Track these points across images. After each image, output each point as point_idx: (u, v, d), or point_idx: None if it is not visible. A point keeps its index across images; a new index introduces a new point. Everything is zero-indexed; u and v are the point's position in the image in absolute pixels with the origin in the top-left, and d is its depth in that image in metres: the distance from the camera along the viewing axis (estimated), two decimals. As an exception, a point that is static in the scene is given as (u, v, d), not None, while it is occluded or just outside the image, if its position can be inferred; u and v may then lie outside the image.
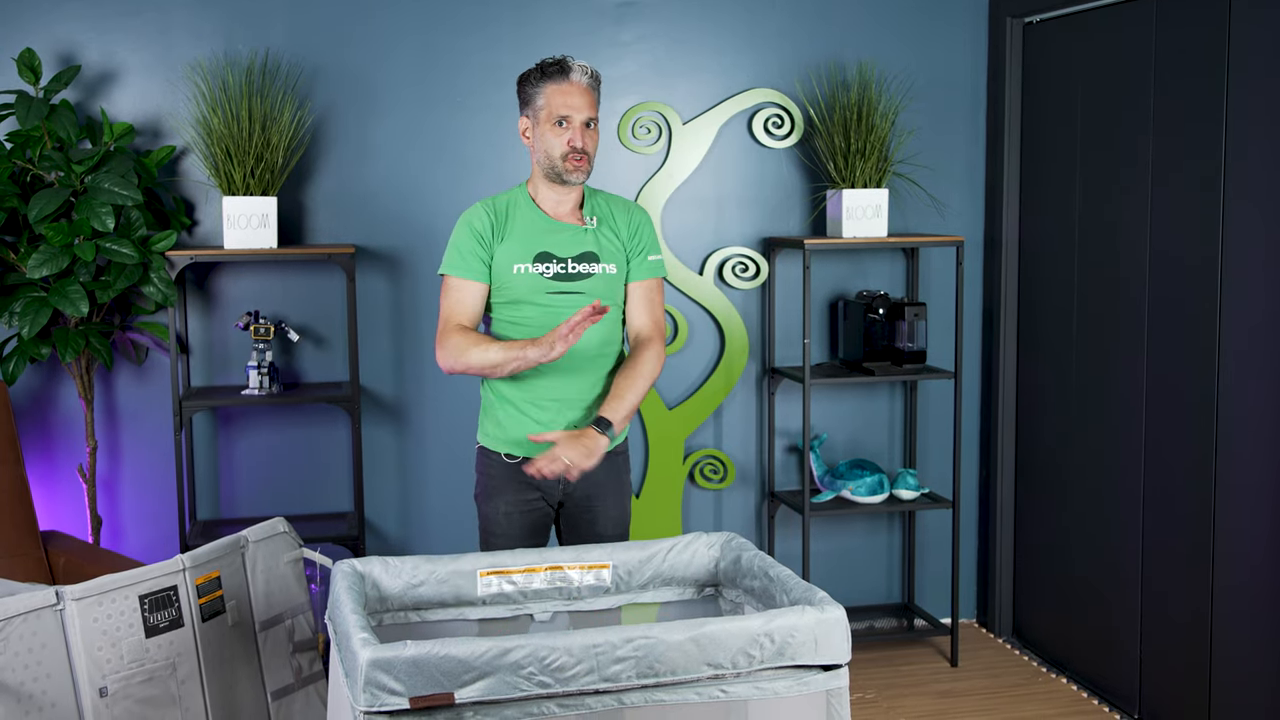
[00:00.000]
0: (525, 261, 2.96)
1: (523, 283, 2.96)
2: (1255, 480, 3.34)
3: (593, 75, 2.99)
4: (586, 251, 2.99)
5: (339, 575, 2.55)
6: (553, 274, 2.96)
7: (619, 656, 2.21)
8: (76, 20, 3.96)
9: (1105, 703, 3.97)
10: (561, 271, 2.97)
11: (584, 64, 2.98)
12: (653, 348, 3.01)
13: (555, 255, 2.97)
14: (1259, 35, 3.29)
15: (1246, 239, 3.35)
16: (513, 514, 3.03)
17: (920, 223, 4.53)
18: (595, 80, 3.00)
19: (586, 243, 3.00)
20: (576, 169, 2.95)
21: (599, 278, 2.99)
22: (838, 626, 2.33)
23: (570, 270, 2.97)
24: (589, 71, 2.98)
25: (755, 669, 2.29)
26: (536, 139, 2.98)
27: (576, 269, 2.98)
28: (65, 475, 4.04)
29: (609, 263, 3.00)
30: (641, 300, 3.06)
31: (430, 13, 4.16)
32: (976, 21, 4.52)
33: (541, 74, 2.96)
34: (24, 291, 3.68)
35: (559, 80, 2.94)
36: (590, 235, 3.00)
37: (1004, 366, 4.51)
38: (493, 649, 2.16)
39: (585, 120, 2.95)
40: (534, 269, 2.96)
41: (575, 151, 2.93)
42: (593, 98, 2.97)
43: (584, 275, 2.98)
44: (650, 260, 3.06)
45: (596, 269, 2.99)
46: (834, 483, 4.31)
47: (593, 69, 3.00)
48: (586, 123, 2.95)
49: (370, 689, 2.11)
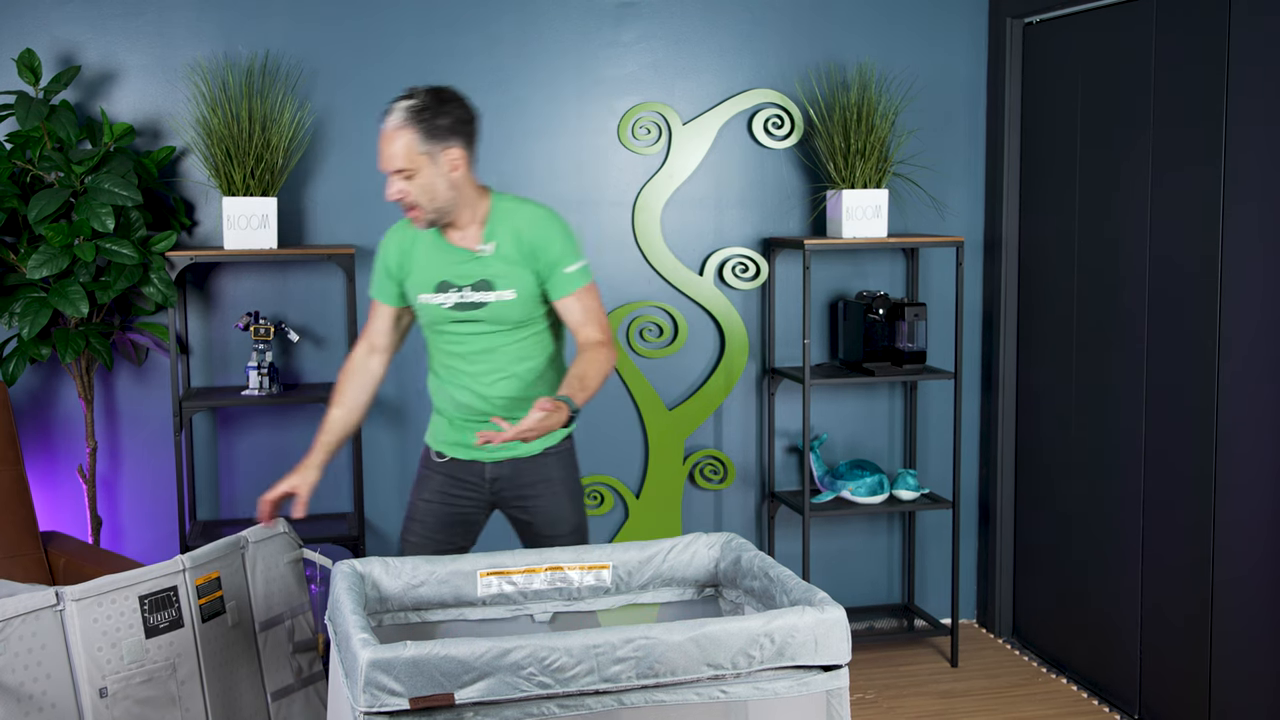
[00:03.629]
0: (428, 291, 2.93)
1: (427, 313, 2.95)
2: (1255, 479, 3.34)
3: (411, 112, 2.79)
4: (481, 279, 2.90)
5: (339, 576, 2.55)
6: (452, 304, 2.91)
7: (619, 657, 2.21)
8: (76, 21, 3.96)
9: (1105, 703, 3.97)
10: (460, 301, 2.91)
11: (409, 102, 2.80)
12: (603, 348, 2.89)
13: (454, 284, 2.91)
14: (1259, 35, 3.29)
15: (1246, 239, 3.35)
16: (432, 503, 3.07)
17: (920, 223, 4.53)
18: (418, 116, 2.79)
19: (482, 270, 2.90)
20: (413, 219, 2.87)
21: (495, 306, 2.90)
22: (837, 627, 2.33)
23: (466, 300, 2.91)
24: (406, 113, 2.79)
25: (755, 669, 2.29)
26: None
27: (472, 298, 2.90)
28: (65, 476, 4.04)
29: (506, 289, 2.89)
30: (576, 314, 2.92)
31: (430, 13, 4.16)
32: (976, 22, 4.52)
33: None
34: (24, 292, 3.68)
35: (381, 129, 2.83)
36: (486, 262, 2.90)
37: (1004, 367, 4.51)
38: (493, 649, 2.16)
39: (395, 170, 2.80)
40: (434, 299, 2.92)
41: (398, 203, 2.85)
42: (406, 142, 2.78)
43: (479, 304, 2.90)
44: (567, 273, 2.90)
45: (491, 297, 2.89)
46: (834, 483, 4.31)
47: (421, 103, 2.79)
48: (399, 171, 2.80)
49: (370, 689, 2.11)
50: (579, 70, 4.27)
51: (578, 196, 4.30)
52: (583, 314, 2.92)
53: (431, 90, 2.84)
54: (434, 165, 2.81)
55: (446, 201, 2.85)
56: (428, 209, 2.84)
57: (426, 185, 2.82)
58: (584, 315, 2.92)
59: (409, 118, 2.79)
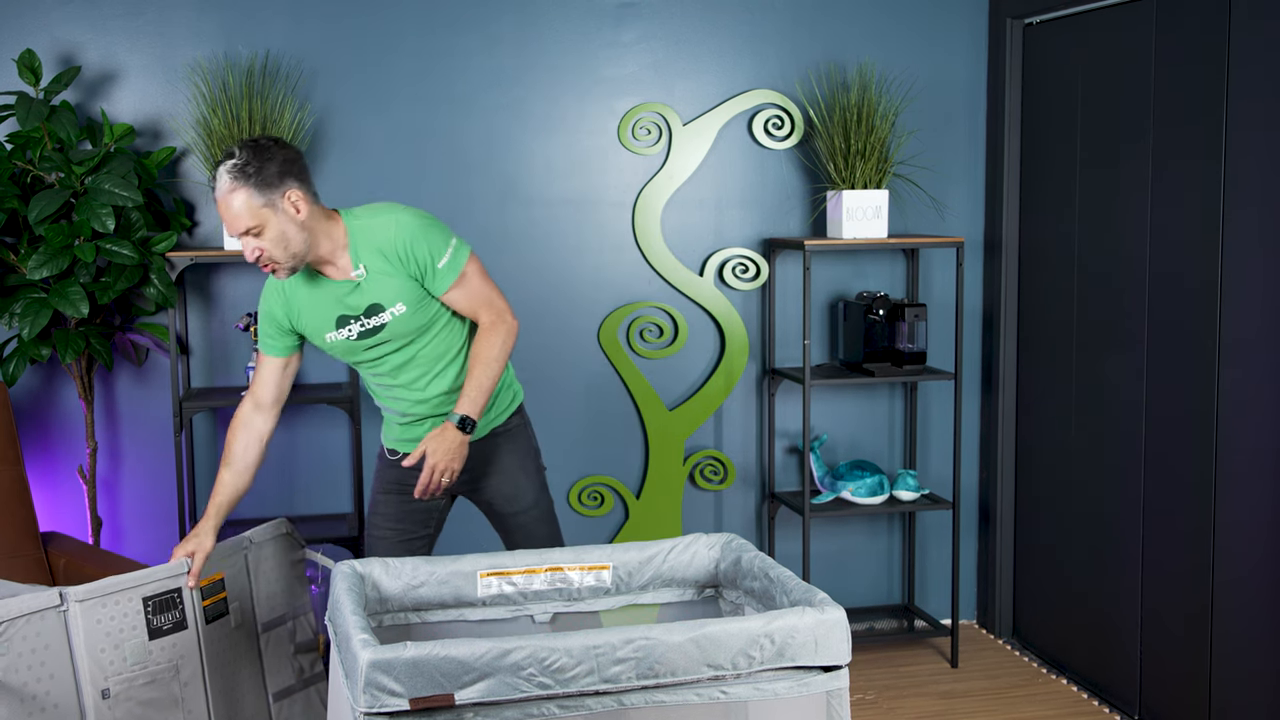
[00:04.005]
0: (331, 329, 2.94)
1: (338, 348, 2.97)
2: (1255, 480, 3.34)
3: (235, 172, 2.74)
4: (370, 304, 2.90)
5: (339, 576, 2.55)
6: (356, 334, 2.93)
7: (619, 657, 2.21)
8: (77, 21, 3.96)
9: (1105, 703, 3.97)
10: (362, 329, 2.92)
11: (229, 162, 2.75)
12: (492, 330, 2.91)
13: (350, 315, 2.92)
14: (1259, 37, 3.29)
15: (1246, 239, 3.35)
16: (390, 495, 3.12)
17: (920, 224, 4.53)
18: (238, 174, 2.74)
19: (366, 295, 2.90)
20: (274, 274, 2.85)
21: (392, 323, 2.91)
22: (838, 627, 2.34)
23: (367, 326, 2.92)
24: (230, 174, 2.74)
25: (755, 670, 2.29)
26: None
27: (370, 324, 2.92)
28: (65, 476, 4.04)
29: (394, 305, 2.90)
30: (462, 304, 2.94)
31: (430, 14, 4.16)
32: (976, 23, 4.52)
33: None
34: (24, 293, 3.68)
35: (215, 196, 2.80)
36: (365, 286, 2.89)
37: (1004, 367, 4.51)
38: (493, 650, 2.16)
39: (243, 232, 2.77)
40: (340, 335, 2.94)
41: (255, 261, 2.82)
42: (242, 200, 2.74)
43: (378, 327, 2.92)
44: (442, 267, 2.89)
45: (386, 317, 2.91)
46: (834, 484, 4.31)
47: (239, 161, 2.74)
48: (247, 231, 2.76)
49: (370, 690, 2.11)
50: (579, 70, 4.27)
51: (578, 197, 4.30)
52: (468, 302, 2.94)
53: (249, 144, 2.79)
54: (278, 214, 2.78)
55: (300, 245, 2.81)
56: (285, 260, 2.81)
57: (278, 236, 2.78)
58: (470, 301, 2.94)
59: (237, 176, 2.75)
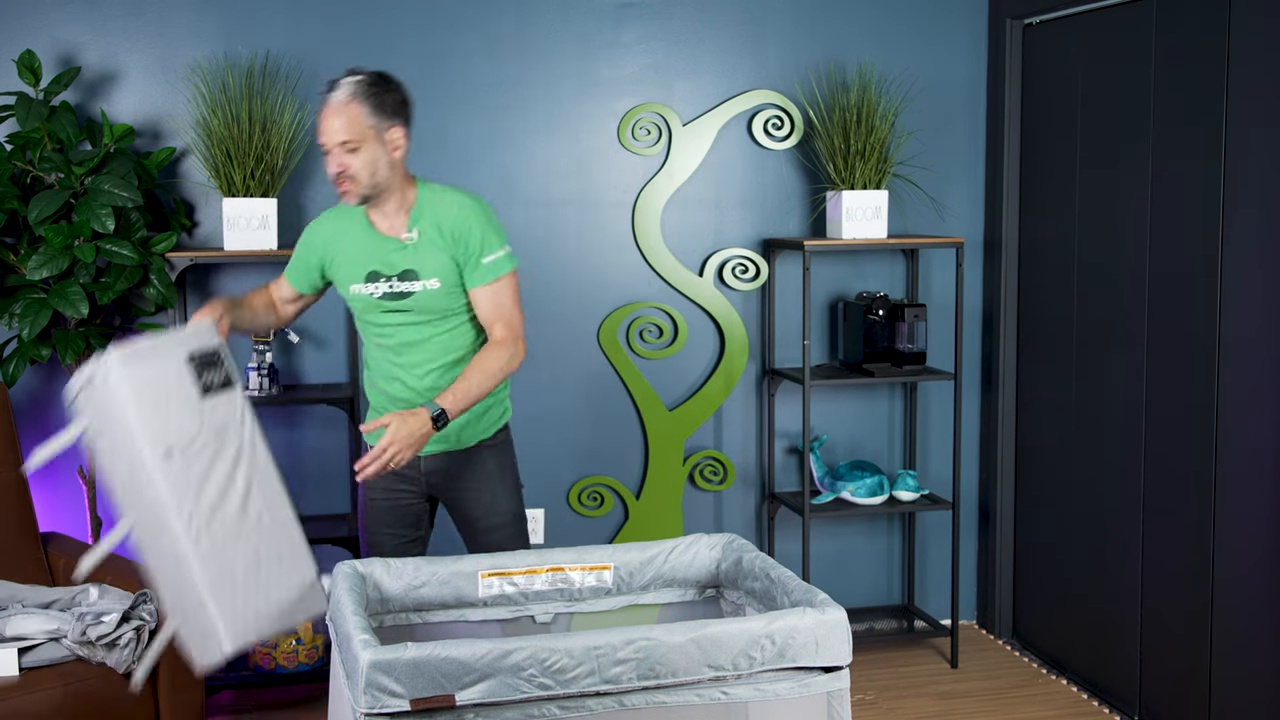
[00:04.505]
0: (359, 281, 2.95)
1: (359, 303, 2.97)
2: (1255, 480, 3.35)
3: (359, 88, 2.82)
4: (407, 269, 2.92)
5: (340, 576, 2.55)
6: (381, 293, 2.93)
7: (620, 658, 2.21)
8: (76, 22, 3.96)
9: (1105, 704, 3.98)
10: (389, 291, 2.93)
11: (354, 79, 2.83)
12: (501, 347, 2.90)
13: (383, 273, 2.93)
14: (1259, 36, 3.29)
15: (1246, 239, 3.35)
16: (377, 500, 3.09)
17: (920, 224, 4.53)
18: (366, 92, 2.82)
19: (407, 259, 2.92)
20: (344, 196, 2.88)
21: (420, 295, 2.92)
22: (838, 628, 2.34)
23: (394, 289, 2.93)
24: (354, 88, 2.82)
25: (756, 670, 2.29)
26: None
27: (399, 288, 2.92)
28: (65, 477, 4.03)
29: (430, 278, 2.91)
30: (485, 308, 2.93)
31: (430, 14, 4.16)
32: (976, 23, 4.52)
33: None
34: (24, 293, 3.68)
35: (324, 101, 2.85)
36: (410, 251, 2.92)
37: (1004, 367, 4.51)
38: (493, 651, 2.16)
39: (340, 143, 2.81)
40: (365, 289, 2.94)
41: (336, 178, 2.86)
42: (352, 115, 2.81)
43: (406, 294, 2.92)
44: (486, 263, 2.90)
45: (416, 287, 2.91)
46: (834, 484, 4.31)
47: (368, 81, 2.83)
48: (341, 144, 2.82)
49: (371, 691, 2.11)
50: (579, 71, 4.27)
51: (578, 197, 4.30)
52: (492, 309, 2.93)
53: (377, 71, 2.90)
54: (378, 142, 2.84)
55: (384, 180, 2.87)
56: (365, 184, 2.85)
57: (369, 160, 2.83)
58: (493, 310, 2.92)
59: (358, 91, 2.82)
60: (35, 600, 3.22)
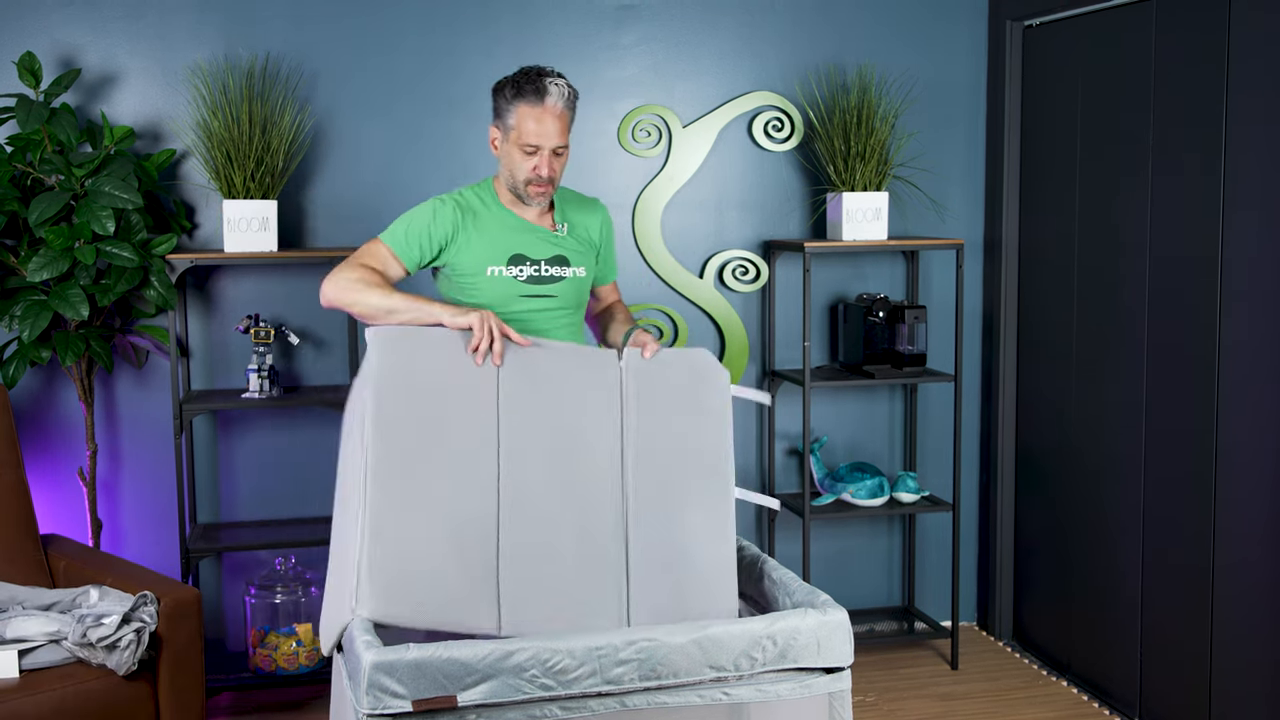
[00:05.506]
0: (499, 264, 2.91)
1: (495, 286, 2.90)
2: (1255, 483, 3.35)
3: (569, 96, 2.86)
4: (558, 255, 2.95)
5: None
6: (526, 277, 2.92)
7: (621, 659, 2.21)
8: (77, 24, 3.96)
9: (1106, 706, 3.97)
10: (535, 274, 2.92)
11: (562, 83, 2.85)
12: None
13: (529, 257, 2.93)
14: (1259, 37, 3.30)
15: (1246, 241, 3.36)
16: None
17: (920, 226, 4.53)
18: (572, 101, 2.87)
19: (558, 245, 2.96)
20: (539, 195, 2.89)
21: (569, 281, 2.96)
22: (840, 629, 2.34)
23: (543, 273, 2.93)
24: (565, 93, 2.85)
25: (757, 671, 2.29)
26: (504, 154, 2.91)
27: (549, 272, 2.93)
28: (65, 478, 4.03)
29: (578, 266, 2.98)
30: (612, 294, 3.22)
31: (430, 15, 4.16)
32: (976, 25, 4.52)
33: (517, 91, 2.84)
34: (24, 295, 3.68)
35: (533, 103, 2.82)
36: (560, 240, 2.97)
37: (1004, 369, 4.51)
38: (495, 651, 2.16)
39: (555, 148, 2.85)
40: (508, 271, 2.91)
41: (539, 178, 2.86)
42: (566, 121, 2.86)
43: (556, 279, 2.94)
44: (615, 261, 3.18)
45: (568, 273, 2.96)
46: (834, 485, 4.31)
47: (570, 89, 2.87)
48: (556, 149, 2.86)
49: (373, 692, 2.11)
50: (579, 73, 4.27)
51: (578, 199, 4.30)
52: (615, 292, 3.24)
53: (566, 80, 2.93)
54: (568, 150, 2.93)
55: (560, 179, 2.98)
56: (557, 185, 2.95)
57: (565, 161, 2.93)
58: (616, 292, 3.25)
59: (570, 98, 2.88)
60: (35, 602, 3.22)
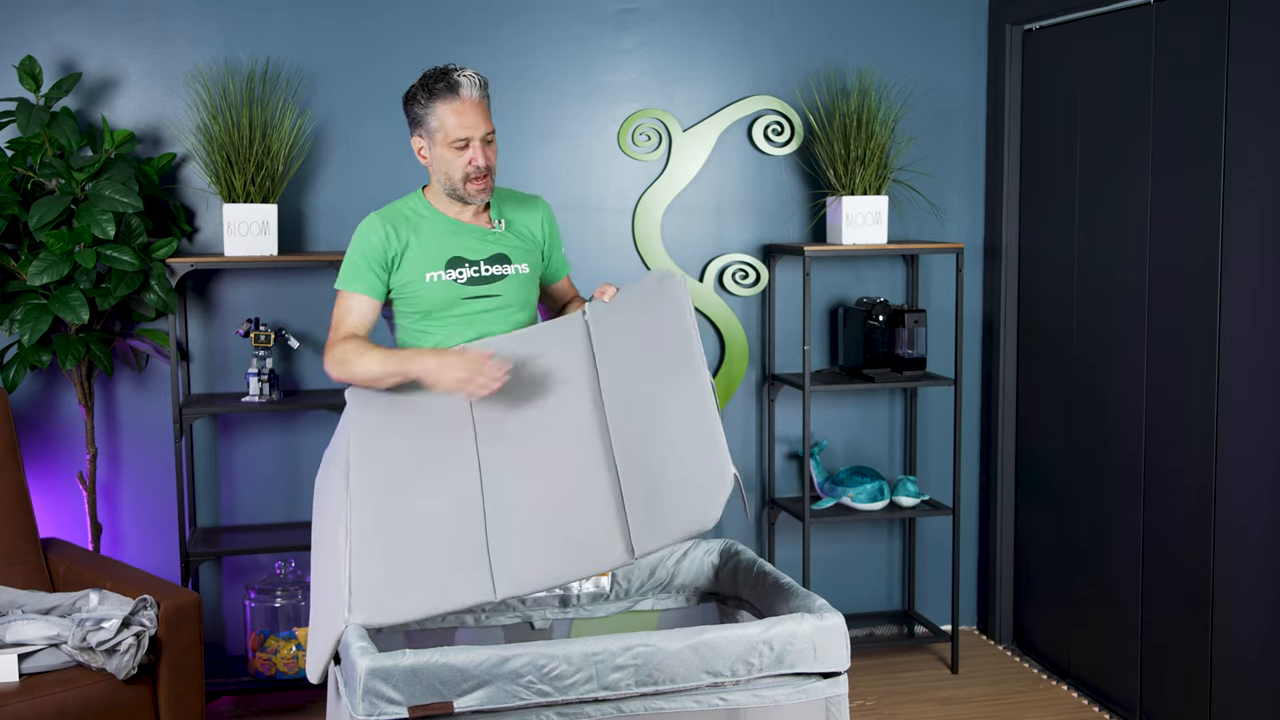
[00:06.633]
0: (437, 269, 2.91)
1: (436, 291, 2.90)
2: (1256, 486, 3.34)
3: (482, 85, 2.88)
4: (498, 254, 2.95)
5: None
6: (465, 279, 2.92)
7: (618, 665, 2.21)
8: (77, 28, 3.97)
9: (1106, 709, 3.97)
10: (475, 275, 2.92)
11: (470, 73, 2.87)
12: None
13: (466, 259, 2.93)
14: (1258, 38, 3.30)
15: (1247, 243, 3.35)
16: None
17: (920, 229, 4.53)
18: (485, 88, 2.89)
19: (496, 244, 2.95)
20: (480, 191, 2.89)
21: (512, 279, 2.96)
22: (836, 634, 2.34)
23: (483, 273, 2.93)
24: (477, 82, 2.87)
25: (754, 677, 2.29)
26: (435, 160, 2.90)
27: (489, 271, 2.93)
28: (65, 482, 4.04)
29: (520, 263, 2.97)
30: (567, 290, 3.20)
31: (430, 20, 4.17)
32: (976, 29, 4.52)
33: (430, 94, 2.86)
34: (24, 299, 3.68)
35: (449, 99, 2.84)
36: (498, 238, 2.96)
37: (1004, 373, 4.51)
38: (492, 657, 2.16)
39: (482, 136, 2.86)
40: (447, 275, 2.91)
41: (477, 170, 2.86)
42: (485, 108, 2.87)
43: (497, 278, 2.94)
44: (564, 255, 3.17)
45: (509, 270, 2.95)
46: (834, 489, 4.31)
47: (480, 77, 2.89)
48: (485, 137, 2.87)
49: (369, 698, 2.11)
50: (579, 77, 4.27)
51: (578, 202, 4.30)
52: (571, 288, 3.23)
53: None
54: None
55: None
56: (493, 177, 2.92)
57: (496, 150, 2.91)
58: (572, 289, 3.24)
59: (483, 87, 2.89)
60: (35, 606, 3.22)
